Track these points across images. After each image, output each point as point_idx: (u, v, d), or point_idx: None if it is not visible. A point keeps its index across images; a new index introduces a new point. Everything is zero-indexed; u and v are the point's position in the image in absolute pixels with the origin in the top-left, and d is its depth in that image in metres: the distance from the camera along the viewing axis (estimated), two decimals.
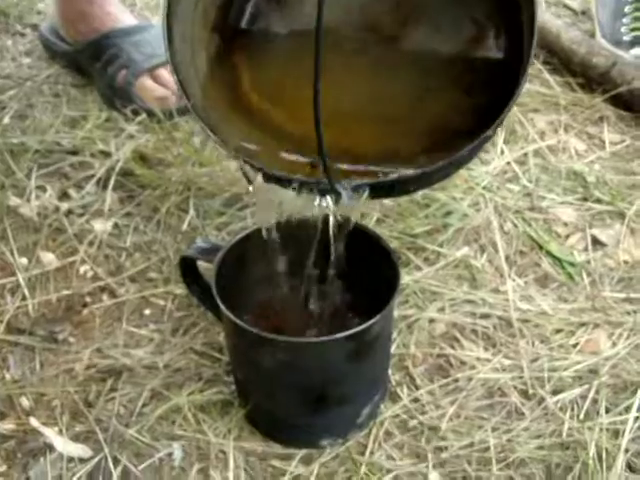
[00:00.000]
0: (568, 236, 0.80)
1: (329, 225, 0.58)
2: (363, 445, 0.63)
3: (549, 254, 0.77)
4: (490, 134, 0.53)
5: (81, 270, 0.77)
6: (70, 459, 0.62)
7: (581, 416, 0.64)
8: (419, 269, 0.75)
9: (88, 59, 0.98)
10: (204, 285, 0.66)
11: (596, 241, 0.79)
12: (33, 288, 0.75)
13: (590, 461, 0.60)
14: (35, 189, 0.84)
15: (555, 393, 0.65)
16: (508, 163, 0.87)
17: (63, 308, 0.74)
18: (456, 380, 0.67)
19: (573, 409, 0.64)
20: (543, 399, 0.65)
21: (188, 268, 0.66)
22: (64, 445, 0.63)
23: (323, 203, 0.54)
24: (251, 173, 0.55)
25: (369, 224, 0.77)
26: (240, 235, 0.63)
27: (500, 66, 0.57)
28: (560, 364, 0.68)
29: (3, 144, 0.89)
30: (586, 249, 0.78)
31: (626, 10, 1.03)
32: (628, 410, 0.64)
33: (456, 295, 0.73)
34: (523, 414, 0.64)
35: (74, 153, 0.88)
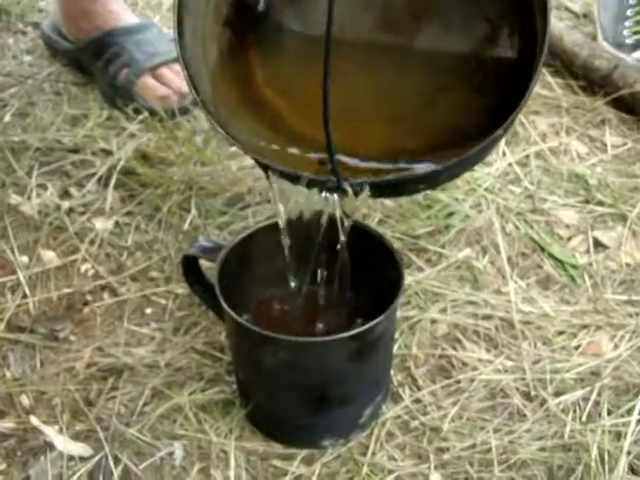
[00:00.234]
0: (570, 238, 0.80)
1: (333, 224, 0.58)
2: (365, 446, 0.62)
3: (551, 256, 0.77)
4: (500, 134, 0.53)
5: (82, 269, 0.77)
6: (70, 458, 0.62)
7: (583, 418, 0.64)
8: (421, 270, 0.75)
9: (89, 57, 0.98)
10: (206, 284, 0.66)
11: (598, 243, 0.79)
12: (34, 286, 0.75)
13: (592, 463, 0.60)
14: (36, 187, 0.84)
15: (557, 395, 0.65)
16: (510, 165, 0.87)
17: (64, 306, 0.74)
18: (458, 381, 0.67)
19: (575, 411, 0.64)
20: (545, 401, 0.65)
21: (190, 267, 0.66)
22: (64, 444, 0.63)
23: (330, 198, 0.54)
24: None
25: (371, 225, 0.76)
26: (243, 234, 0.63)
27: (511, 67, 0.57)
28: (562, 366, 0.67)
29: (4, 142, 0.89)
30: (588, 251, 0.78)
31: (628, 13, 1.03)
32: (630, 412, 0.63)
33: (458, 296, 0.73)
34: (525, 416, 0.64)
35: (75, 151, 0.88)
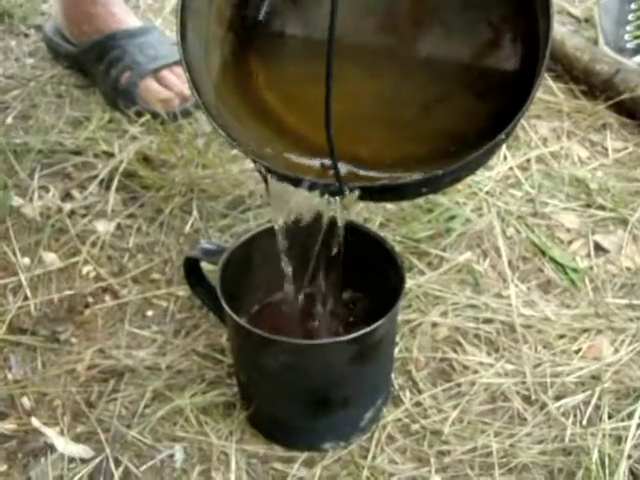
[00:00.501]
0: (571, 242, 0.80)
1: (333, 227, 0.58)
2: (365, 449, 0.62)
3: (552, 260, 0.77)
4: (502, 139, 0.53)
5: (83, 271, 0.77)
6: (71, 459, 0.62)
7: (584, 422, 0.64)
8: (422, 273, 0.75)
9: (92, 60, 0.98)
10: (207, 286, 0.66)
11: (599, 247, 0.79)
12: (35, 288, 0.75)
13: (593, 467, 0.60)
14: (38, 189, 0.84)
15: (558, 399, 0.65)
16: (511, 169, 0.87)
17: (65, 308, 0.74)
18: (459, 385, 0.67)
19: (576, 415, 0.64)
20: (546, 404, 0.65)
21: (192, 269, 0.66)
22: (65, 445, 0.63)
23: (331, 201, 0.54)
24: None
25: (372, 228, 0.76)
26: (245, 237, 0.64)
27: (513, 72, 0.57)
28: (563, 370, 0.68)
29: (6, 144, 0.89)
30: (589, 255, 0.78)
31: (629, 17, 1.04)
32: (631, 416, 0.64)
33: (459, 300, 0.73)
34: (526, 419, 0.64)
35: (77, 154, 0.88)
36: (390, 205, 0.81)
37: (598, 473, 0.60)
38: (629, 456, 0.61)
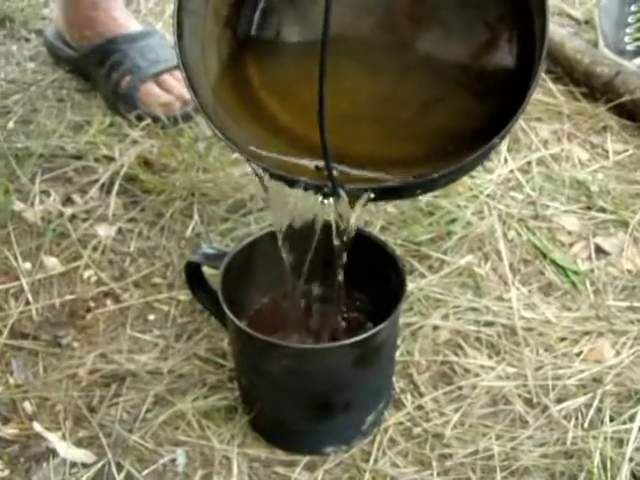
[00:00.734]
0: (572, 245, 0.80)
1: (334, 231, 0.58)
2: (367, 452, 0.62)
3: (553, 262, 0.77)
4: (498, 141, 0.53)
5: (85, 275, 0.77)
6: (73, 464, 0.62)
7: (585, 425, 0.64)
8: (423, 277, 0.75)
9: (92, 64, 0.98)
10: (209, 290, 0.66)
11: (600, 250, 0.79)
12: (37, 293, 0.75)
13: (594, 470, 0.60)
14: (39, 194, 0.84)
15: (559, 401, 0.65)
16: (511, 171, 0.87)
17: (67, 313, 0.74)
18: (460, 388, 0.67)
19: (577, 418, 0.64)
20: (547, 407, 0.65)
21: (193, 273, 0.66)
22: (67, 450, 0.63)
23: (328, 203, 0.54)
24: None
25: (373, 232, 0.77)
26: (246, 241, 0.64)
27: (510, 73, 0.57)
28: (564, 372, 0.68)
29: (7, 148, 0.89)
30: (590, 258, 0.78)
31: (629, 20, 1.04)
32: (632, 419, 0.64)
33: (460, 303, 0.73)
34: (527, 422, 0.64)
35: (78, 158, 0.88)
36: (391, 208, 0.81)
37: (600, 476, 0.60)
38: (631, 459, 0.61)
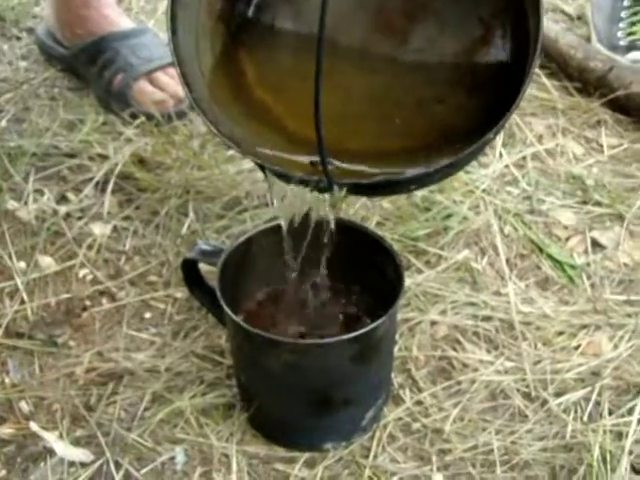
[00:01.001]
0: (568, 239, 0.80)
1: (331, 227, 0.57)
2: (367, 448, 0.62)
3: (549, 257, 0.77)
4: (492, 136, 0.53)
5: (80, 274, 0.76)
6: (71, 464, 0.62)
7: (584, 418, 0.64)
8: (420, 272, 0.75)
9: (84, 63, 0.98)
10: (206, 287, 0.66)
11: (596, 244, 0.79)
12: (32, 292, 0.75)
13: (594, 463, 0.60)
14: (33, 192, 0.83)
15: (558, 395, 0.65)
16: (507, 166, 0.87)
17: (62, 312, 0.73)
18: (459, 383, 0.67)
19: (576, 411, 0.64)
20: (546, 401, 0.65)
21: (190, 271, 0.65)
22: (65, 449, 0.62)
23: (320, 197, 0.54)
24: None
25: (370, 227, 0.76)
26: (242, 238, 0.63)
27: (504, 69, 0.57)
28: (562, 366, 0.68)
29: (0, 147, 0.88)
30: (586, 252, 0.78)
31: (622, 15, 1.04)
32: (631, 412, 0.64)
33: (457, 298, 0.73)
34: (526, 416, 0.64)
35: (72, 156, 0.88)
36: (387, 204, 0.81)
37: (599, 469, 0.60)
38: (630, 452, 0.61)
